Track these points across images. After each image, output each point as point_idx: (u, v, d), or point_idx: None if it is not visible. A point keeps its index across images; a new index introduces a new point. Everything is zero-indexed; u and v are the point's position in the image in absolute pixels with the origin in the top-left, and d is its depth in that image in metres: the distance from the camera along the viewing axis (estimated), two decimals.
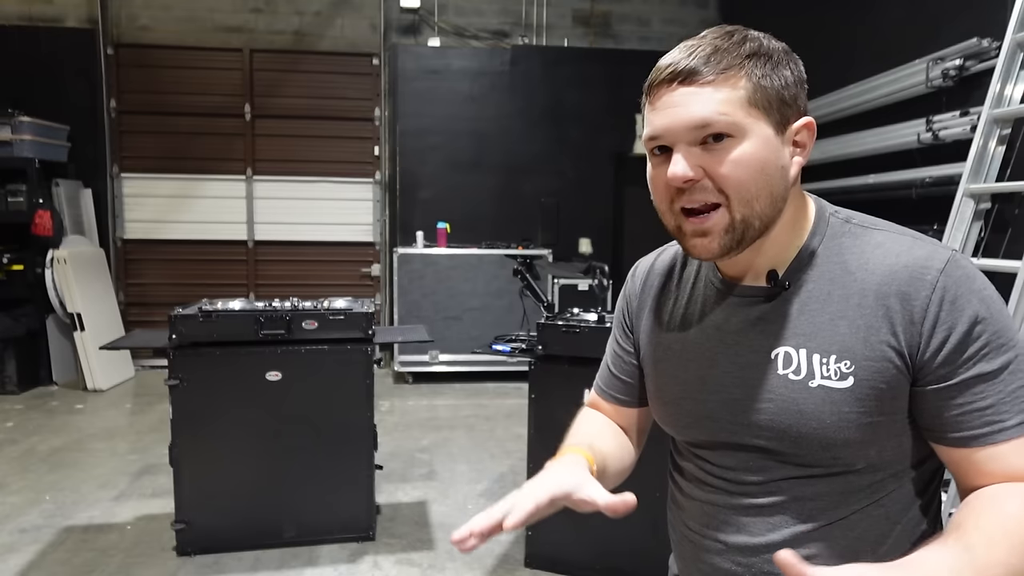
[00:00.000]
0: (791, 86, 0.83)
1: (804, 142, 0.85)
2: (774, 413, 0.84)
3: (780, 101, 0.81)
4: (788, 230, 0.87)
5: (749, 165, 0.80)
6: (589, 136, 6.67)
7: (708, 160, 0.80)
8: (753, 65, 0.80)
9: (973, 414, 0.77)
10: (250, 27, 6.57)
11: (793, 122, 0.83)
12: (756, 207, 0.81)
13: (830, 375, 0.81)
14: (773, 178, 0.81)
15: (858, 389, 0.80)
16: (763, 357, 0.86)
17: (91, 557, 2.96)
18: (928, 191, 3.93)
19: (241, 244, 6.74)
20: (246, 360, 2.93)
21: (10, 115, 5.53)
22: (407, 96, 6.49)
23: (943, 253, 0.80)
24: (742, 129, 0.79)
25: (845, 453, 0.82)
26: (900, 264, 0.80)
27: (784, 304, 0.86)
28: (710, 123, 0.79)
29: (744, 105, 0.79)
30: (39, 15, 6.31)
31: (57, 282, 5.55)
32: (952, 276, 0.78)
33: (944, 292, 0.77)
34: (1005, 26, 3.24)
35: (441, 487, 3.76)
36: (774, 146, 0.81)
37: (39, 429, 4.70)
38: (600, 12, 6.94)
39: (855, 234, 0.86)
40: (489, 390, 5.93)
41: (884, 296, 0.80)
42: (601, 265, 3.48)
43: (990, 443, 0.77)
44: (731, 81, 0.79)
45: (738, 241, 0.83)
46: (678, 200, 0.83)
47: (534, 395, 2.84)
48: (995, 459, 0.77)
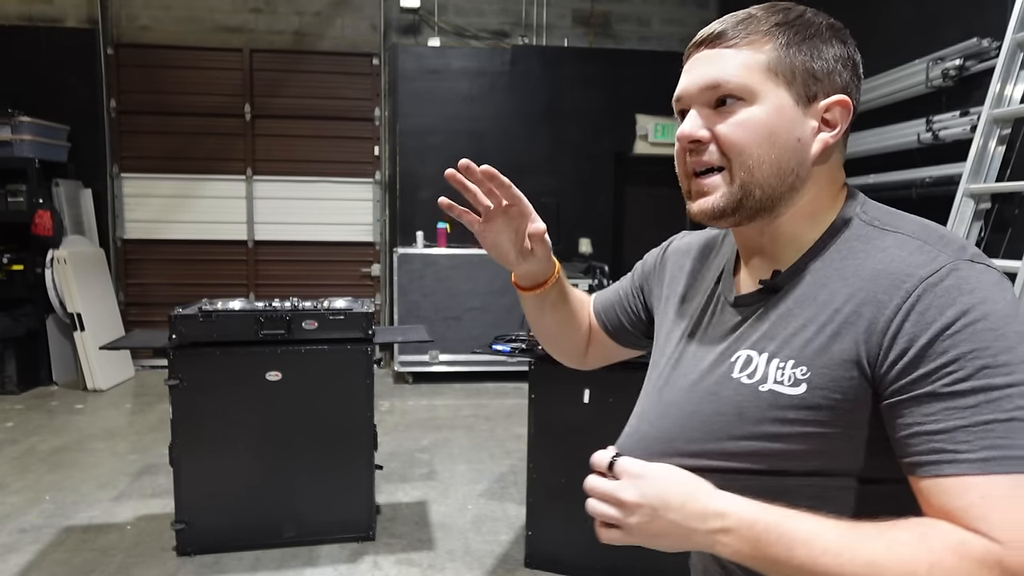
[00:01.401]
0: (827, 61, 0.79)
1: (835, 120, 0.80)
2: (706, 415, 0.81)
3: (807, 73, 0.79)
4: (804, 219, 0.82)
5: (754, 129, 0.78)
6: (589, 136, 6.67)
7: (716, 122, 0.80)
8: (782, 32, 0.79)
9: (920, 437, 0.67)
10: (250, 27, 6.57)
11: (823, 98, 0.79)
12: (757, 174, 0.78)
13: (783, 380, 0.76)
14: (782, 149, 0.78)
15: (809, 398, 0.74)
16: (723, 359, 0.83)
17: (91, 557, 2.96)
18: (928, 191, 3.93)
19: (241, 244, 6.74)
20: (246, 360, 2.93)
21: (10, 115, 5.53)
22: (407, 96, 6.49)
23: (941, 260, 0.71)
24: (753, 93, 0.78)
25: (781, 462, 0.76)
26: (888, 270, 0.73)
27: (769, 308, 0.82)
28: (720, 83, 0.78)
29: (762, 70, 0.78)
30: (39, 15, 6.31)
31: (57, 282, 5.55)
32: (936, 285, 0.69)
33: (917, 301, 0.69)
34: (1005, 26, 3.24)
35: (441, 487, 3.76)
36: (789, 115, 0.78)
37: (39, 429, 4.70)
38: (600, 12, 6.94)
39: (868, 237, 0.78)
40: (489, 390, 5.93)
41: (861, 303, 0.73)
42: (601, 265, 3.48)
43: (933, 474, 0.66)
44: (755, 45, 0.79)
45: (734, 207, 0.80)
46: (688, 163, 0.83)
47: (534, 395, 2.84)
48: (939, 494, 0.66)
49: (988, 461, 0.64)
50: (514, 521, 3.31)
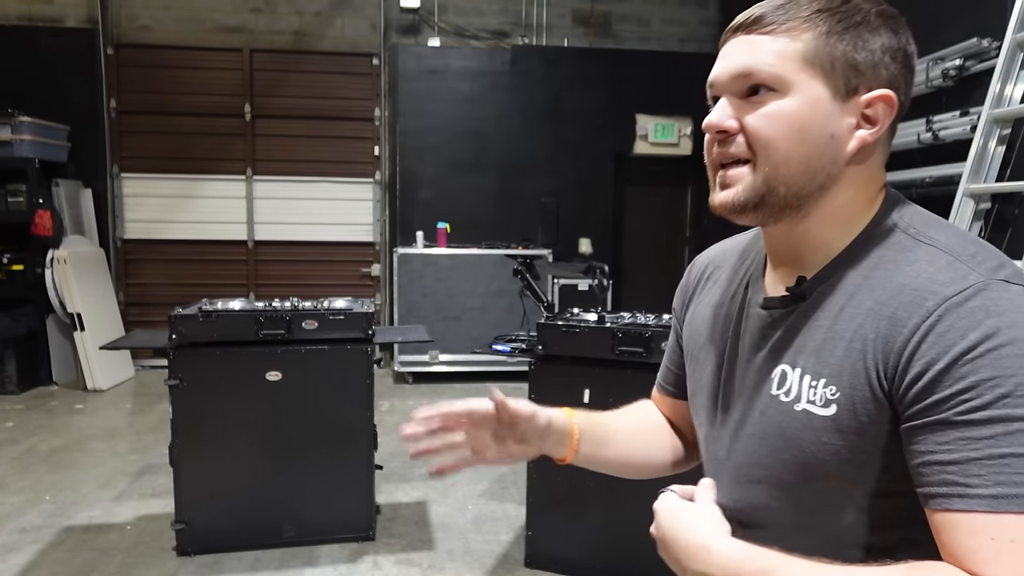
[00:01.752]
0: (873, 52, 0.73)
1: (876, 117, 0.74)
2: (760, 437, 0.79)
3: (848, 64, 0.73)
4: (838, 223, 0.77)
5: (784, 122, 0.73)
6: (589, 136, 6.67)
7: (748, 113, 0.75)
8: (824, 20, 0.73)
9: (933, 467, 0.63)
10: (250, 27, 6.57)
11: (864, 93, 0.73)
12: (783, 170, 0.73)
13: (815, 400, 0.72)
14: (813, 145, 0.73)
15: (840, 418, 0.71)
16: (764, 376, 0.79)
17: (91, 557, 2.96)
18: (928, 191, 3.93)
19: (241, 244, 6.74)
20: (246, 360, 2.93)
21: (10, 115, 5.53)
22: (407, 96, 6.49)
23: (972, 279, 0.66)
24: (786, 84, 0.73)
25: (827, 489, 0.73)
26: (912, 286, 0.69)
27: (799, 318, 0.77)
28: (751, 72, 0.74)
29: (798, 59, 0.73)
30: (39, 15, 6.31)
31: (57, 282, 5.55)
32: (961, 305, 0.64)
33: (937, 321, 0.65)
34: (1005, 26, 3.24)
35: (441, 487, 3.76)
36: (825, 110, 0.73)
37: (39, 429, 4.70)
38: (600, 12, 6.94)
39: (902, 247, 0.73)
40: None
41: (882, 318, 0.69)
42: (601, 265, 3.48)
43: (943, 508, 0.62)
44: (792, 33, 0.73)
45: (756, 203, 0.75)
46: (714, 154, 0.79)
47: (534, 395, 2.84)
48: (948, 529, 0.62)
49: (999, 499, 0.60)
50: (514, 521, 3.31)
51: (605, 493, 2.74)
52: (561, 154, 6.67)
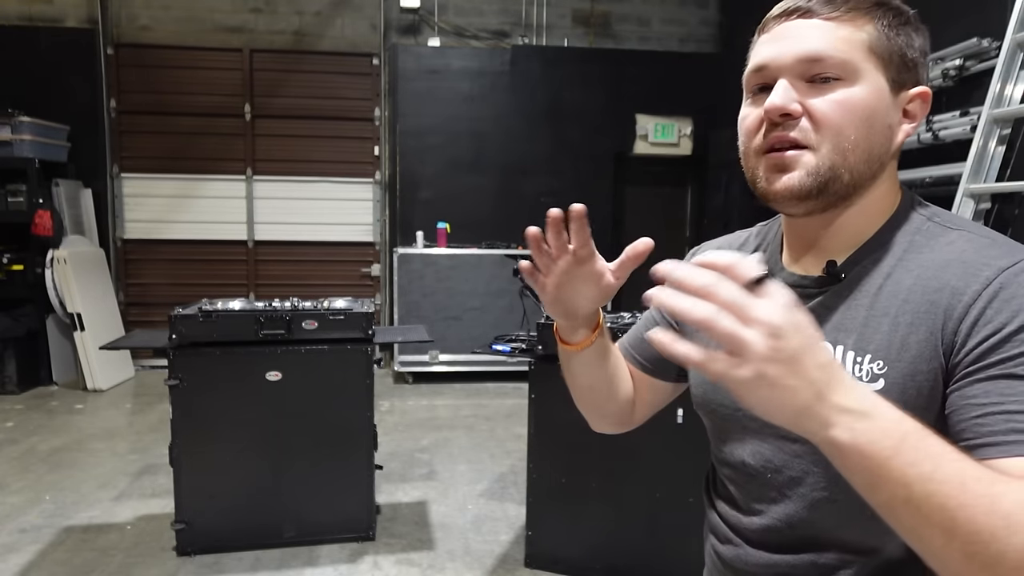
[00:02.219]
0: (915, 50, 0.77)
1: (915, 113, 0.78)
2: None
3: (901, 60, 0.76)
4: (874, 213, 0.80)
5: (855, 111, 0.73)
6: (589, 136, 6.67)
7: (811, 98, 0.74)
8: (882, 14, 0.75)
9: (999, 416, 0.65)
10: (250, 27, 6.57)
11: (909, 88, 0.77)
12: (850, 158, 0.74)
13: (861, 375, 0.74)
14: (877, 134, 0.75)
15: (888, 393, 0.71)
16: None
17: (91, 557, 2.96)
18: (928, 191, 3.93)
19: (241, 244, 6.74)
20: (246, 360, 2.93)
21: (10, 115, 5.53)
22: (407, 96, 6.49)
23: (1018, 255, 0.70)
24: (855, 72, 0.73)
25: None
26: (960, 260, 0.72)
27: (833, 297, 0.79)
28: (823, 57, 0.73)
29: (864, 48, 0.74)
30: (39, 15, 6.31)
31: (57, 282, 5.55)
32: (1016, 276, 0.68)
33: (1000, 288, 0.68)
34: (1005, 26, 3.24)
35: (441, 487, 3.76)
36: (886, 100, 0.75)
37: (39, 429, 4.70)
38: (600, 12, 6.94)
39: (931, 232, 0.77)
40: (489, 390, 5.93)
41: (932, 291, 0.71)
42: None
43: (1013, 454, 0.63)
44: (856, 22, 0.74)
45: (821, 188, 0.75)
46: (767, 138, 0.76)
47: (534, 395, 2.84)
48: (1017, 474, 0.64)
49: None
50: (514, 521, 3.31)
51: (605, 493, 2.74)
52: (561, 154, 6.67)
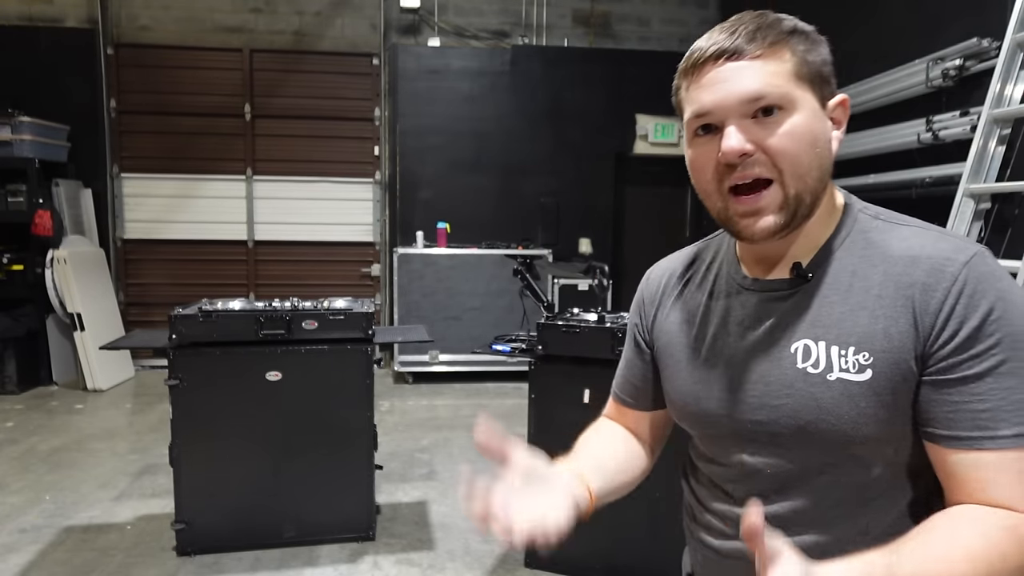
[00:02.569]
0: (827, 64, 0.83)
1: (840, 119, 0.85)
2: (792, 409, 0.82)
3: (820, 76, 0.82)
4: (824, 216, 0.86)
5: (802, 138, 0.79)
6: (589, 136, 6.67)
7: (760, 134, 0.79)
8: (796, 40, 0.81)
9: (966, 414, 0.74)
10: (250, 27, 6.57)
11: (830, 99, 0.83)
12: (808, 181, 0.80)
13: (848, 367, 0.79)
14: (823, 152, 0.81)
15: (876, 382, 0.78)
16: (783, 351, 0.84)
17: (91, 557, 2.96)
18: (928, 191, 3.93)
19: (241, 244, 6.74)
20: (246, 360, 2.92)
21: (10, 115, 5.53)
22: (407, 96, 6.49)
23: (970, 248, 0.78)
24: (793, 101, 0.79)
25: (863, 450, 0.80)
26: (924, 255, 0.78)
27: (805, 297, 0.84)
28: (763, 95, 0.78)
29: (792, 77, 0.79)
30: (39, 15, 6.31)
31: (57, 282, 5.55)
32: (976, 270, 0.76)
33: (964, 285, 0.75)
34: (1005, 26, 3.24)
35: (441, 487, 3.76)
36: (820, 118, 0.82)
37: (39, 429, 4.70)
38: (600, 12, 6.94)
39: (882, 229, 0.84)
40: (489, 390, 5.93)
41: (905, 286, 0.78)
42: (601, 265, 3.48)
43: (976, 448, 0.73)
44: (778, 55, 0.79)
45: (791, 218, 0.81)
46: (727, 178, 0.81)
47: (534, 395, 2.84)
48: (977, 468, 0.73)
49: (1019, 437, 0.72)
50: None
51: None
52: (561, 154, 6.66)
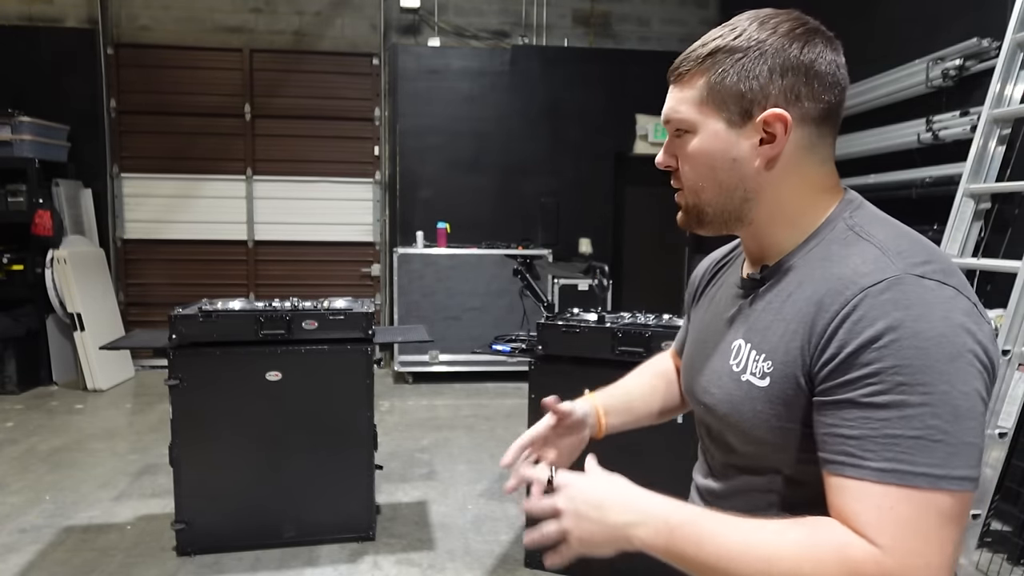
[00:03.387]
0: (759, 78, 0.82)
1: (775, 132, 0.83)
2: (718, 399, 0.90)
3: (737, 96, 0.83)
4: (783, 224, 0.87)
5: (696, 158, 0.87)
6: (589, 136, 6.67)
7: (677, 151, 0.90)
8: (710, 65, 0.85)
9: (836, 438, 0.73)
10: (250, 27, 6.57)
11: (759, 114, 0.83)
12: (703, 196, 0.89)
13: (756, 372, 0.84)
14: (721, 170, 0.86)
15: (771, 390, 0.81)
16: (727, 346, 0.91)
17: (91, 557, 2.96)
18: (928, 191, 3.93)
19: (241, 244, 6.74)
20: (246, 360, 2.93)
21: (10, 115, 5.53)
22: (407, 96, 6.49)
23: (889, 271, 0.74)
24: (693, 125, 0.87)
25: (762, 452, 0.84)
26: (837, 275, 0.77)
27: (755, 299, 0.89)
28: (669, 120, 0.90)
29: (696, 103, 0.86)
30: (39, 15, 6.31)
31: (57, 282, 5.55)
32: (875, 297, 0.72)
33: (853, 309, 0.73)
34: (1005, 26, 3.24)
35: (441, 487, 3.76)
36: (724, 140, 0.85)
37: (39, 429, 4.70)
38: (600, 12, 6.94)
39: (847, 242, 0.82)
40: (489, 390, 5.93)
41: (811, 303, 0.79)
42: (601, 265, 3.48)
43: (839, 474, 0.73)
44: (692, 81, 0.87)
45: (696, 222, 0.91)
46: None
47: (534, 395, 2.84)
48: (839, 492, 0.73)
49: (886, 472, 0.69)
50: (514, 521, 3.31)
51: None
52: (561, 154, 6.66)
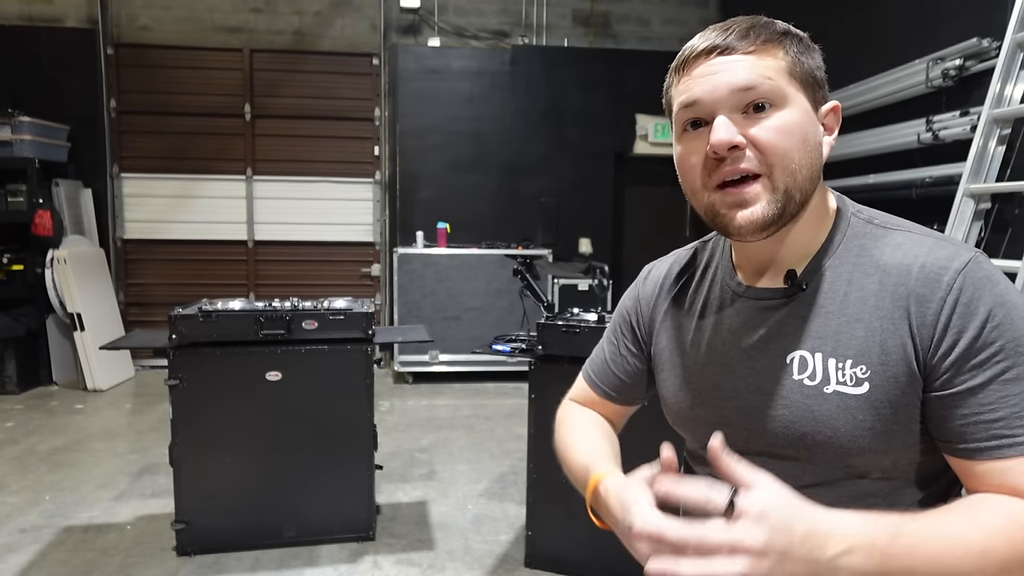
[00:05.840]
0: (821, 69, 0.83)
1: (831, 125, 0.84)
2: (789, 420, 0.82)
3: (814, 80, 0.82)
4: (815, 222, 0.85)
5: (793, 134, 0.78)
6: (589, 136, 6.67)
7: (751, 128, 0.78)
8: (790, 42, 0.81)
9: (980, 425, 0.73)
10: (250, 27, 6.57)
11: (822, 104, 0.83)
12: (799, 178, 0.78)
13: (846, 380, 0.78)
14: (813, 152, 0.80)
15: (873, 395, 0.77)
16: (778, 362, 0.83)
17: (91, 557, 2.96)
18: (928, 191, 3.93)
19: (241, 244, 6.74)
20: (246, 360, 2.93)
21: (10, 115, 5.53)
22: (407, 96, 6.49)
23: (965, 254, 0.76)
24: (784, 97, 0.78)
25: (859, 462, 0.79)
26: (918, 264, 0.77)
27: (801, 306, 0.83)
28: (755, 86, 0.77)
29: (785, 74, 0.79)
30: (39, 15, 6.31)
31: (57, 282, 5.55)
32: (971, 278, 0.74)
33: (960, 293, 0.74)
34: (1005, 26, 3.24)
35: (441, 487, 3.76)
36: (812, 119, 0.81)
37: (39, 429, 4.70)
38: (600, 12, 6.94)
39: (876, 235, 0.83)
40: (489, 390, 5.93)
41: (901, 297, 0.77)
42: (601, 265, 3.48)
43: (997, 457, 0.72)
44: (771, 52, 0.79)
45: (780, 213, 0.79)
46: (716, 173, 0.79)
47: (534, 395, 2.84)
48: (1002, 473, 0.72)
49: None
50: (514, 521, 3.31)
51: None
52: (561, 154, 6.66)
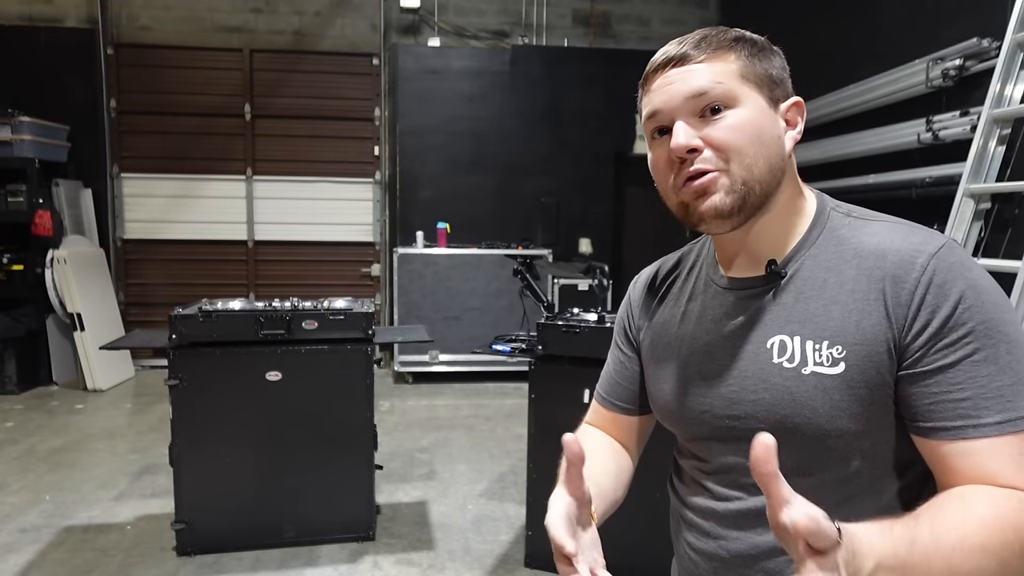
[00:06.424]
0: (777, 69, 0.87)
1: (794, 120, 0.87)
2: (769, 403, 0.84)
3: (769, 79, 0.85)
4: (786, 214, 0.88)
5: (746, 131, 0.82)
6: (589, 136, 6.67)
7: (707, 130, 0.82)
8: (740, 47, 0.85)
9: (947, 404, 0.75)
10: (250, 27, 6.57)
11: (783, 101, 0.87)
12: (755, 171, 0.83)
13: (822, 361, 0.80)
14: (770, 146, 0.84)
15: (849, 375, 0.79)
16: (759, 347, 0.86)
17: (91, 557, 2.96)
18: (928, 191, 3.93)
19: (241, 244, 6.74)
20: (246, 360, 2.93)
21: (10, 115, 5.53)
22: (407, 96, 6.49)
23: (939, 239, 0.80)
24: (736, 98, 0.82)
25: (839, 444, 0.81)
26: (893, 249, 0.80)
27: (780, 294, 0.87)
28: (706, 91, 0.82)
29: (736, 76, 0.83)
30: (39, 15, 6.31)
31: (57, 282, 5.55)
32: (944, 261, 0.77)
33: (933, 275, 0.76)
34: (1005, 26, 3.24)
35: (441, 487, 3.76)
36: (769, 115, 0.84)
37: (39, 429, 4.70)
38: (600, 12, 6.94)
39: (854, 226, 0.86)
40: (489, 390, 5.93)
41: (877, 280, 0.80)
42: (601, 265, 3.47)
43: (961, 438, 0.74)
44: (722, 57, 0.84)
45: (741, 203, 0.83)
46: (680, 174, 0.85)
47: (534, 395, 2.84)
48: (966, 456, 0.74)
49: (1004, 423, 0.73)
50: (514, 521, 3.31)
51: None
52: (561, 154, 6.67)
